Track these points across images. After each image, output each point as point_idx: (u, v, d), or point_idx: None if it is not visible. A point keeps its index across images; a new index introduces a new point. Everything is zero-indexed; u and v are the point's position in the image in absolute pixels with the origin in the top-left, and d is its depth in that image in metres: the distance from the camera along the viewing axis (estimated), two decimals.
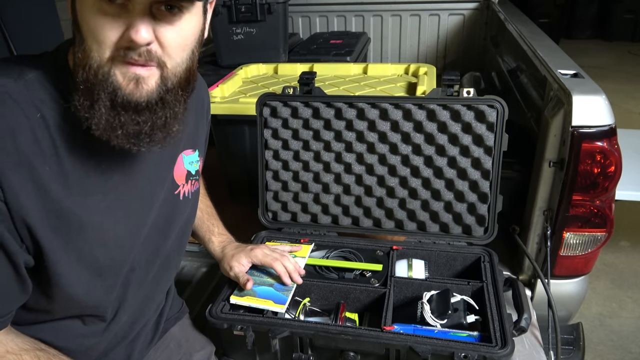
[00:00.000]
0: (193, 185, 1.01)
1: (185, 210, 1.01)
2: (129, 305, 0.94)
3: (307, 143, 1.34)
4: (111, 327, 0.92)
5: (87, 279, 0.81)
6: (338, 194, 1.36)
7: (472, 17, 2.79)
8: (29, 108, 0.70)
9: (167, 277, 1.06)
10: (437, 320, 1.05)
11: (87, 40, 0.68)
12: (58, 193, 0.73)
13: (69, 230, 0.76)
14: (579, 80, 1.24)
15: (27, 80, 0.72)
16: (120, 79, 0.69)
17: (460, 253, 1.28)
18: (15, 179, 0.68)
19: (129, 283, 0.91)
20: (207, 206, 1.24)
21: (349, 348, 1.01)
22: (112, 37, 0.66)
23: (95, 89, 0.69)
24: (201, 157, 1.04)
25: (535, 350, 1.18)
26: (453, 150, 1.25)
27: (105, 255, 0.83)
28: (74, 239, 0.77)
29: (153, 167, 0.89)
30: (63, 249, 0.76)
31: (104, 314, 0.89)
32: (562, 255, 1.28)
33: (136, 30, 0.65)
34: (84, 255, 0.79)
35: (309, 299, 1.16)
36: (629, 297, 2.41)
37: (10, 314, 0.76)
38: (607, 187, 1.19)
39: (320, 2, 2.94)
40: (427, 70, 1.85)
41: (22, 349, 0.76)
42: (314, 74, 1.34)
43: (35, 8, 2.74)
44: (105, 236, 0.82)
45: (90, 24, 0.67)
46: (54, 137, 0.72)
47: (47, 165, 0.72)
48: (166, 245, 0.97)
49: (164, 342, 1.11)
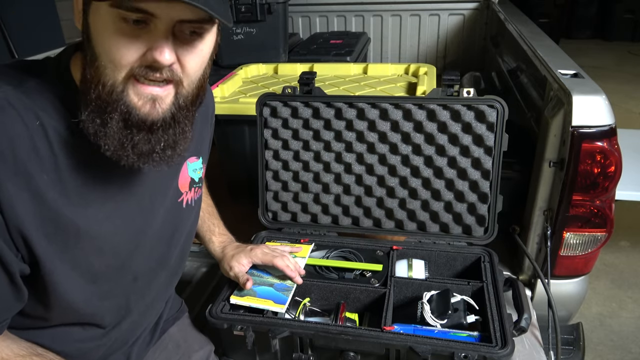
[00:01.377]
0: (196, 192, 1.00)
1: (189, 218, 1.00)
2: (132, 315, 0.94)
3: (307, 143, 1.34)
4: (111, 334, 0.92)
5: (83, 287, 0.81)
6: (338, 194, 1.36)
7: (472, 17, 2.79)
8: (28, 115, 0.69)
9: (171, 285, 1.06)
10: (437, 321, 1.05)
11: (100, 58, 0.66)
12: (55, 201, 0.72)
13: (66, 238, 0.75)
14: (579, 80, 1.23)
15: (27, 88, 0.71)
16: (135, 99, 0.68)
17: (460, 253, 1.28)
18: (12, 188, 0.68)
19: (132, 293, 0.90)
20: (208, 205, 1.24)
21: (349, 348, 1.01)
22: (131, 57, 0.65)
23: (108, 108, 0.68)
24: (204, 164, 1.03)
25: (535, 350, 1.18)
26: (453, 150, 1.25)
27: (102, 264, 0.82)
28: (71, 248, 0.76)
29: (155, 176, 0.87)
30: (58, 257, 0.75)
31: (102, 321, 0.88)
32: (562, 255, 1.28)
33: (160, 52, 0.65)
34: (80, 264, 0.79)
35: (309, 299, 1.16)
36: (629, 297, 2.41)
37: (5, 321, 0.76)
38: (607, 187, 1.19)
39: (320, 2, 2.94)
40: (427, 70, 1.85)
41: (18, 354, 0.75)
42: (314, 74, 1.34)
43: (35, 8, 2.74)
44: (103, 245, 0.81)
45: (106, 44, 0.65)
46: (52, 146, 0.71)
47: (45, 174, 0.71)
48: (170, 254, 0.96)
49: (162, 342, 1.10)
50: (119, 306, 0.90)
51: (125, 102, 0.68)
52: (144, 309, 0.97)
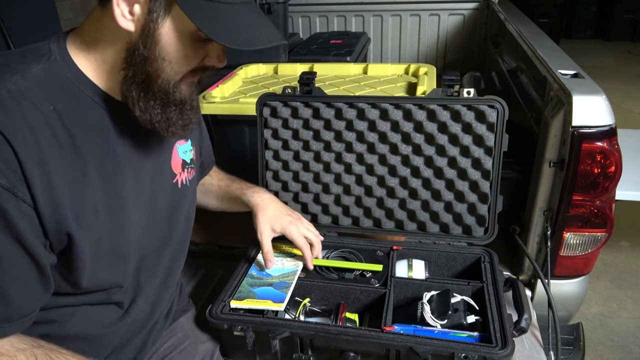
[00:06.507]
0: (189, 173, 1.06)
1: (186, 198, 1.05)
2: (145, 292, 0.98)
3: (307, 143, 1.34)
4: (130, 312, 0.96)
5: (107, 265, 0.85)
6: (338, 194, 1.36)
7: (472, 17, 2.80)
8: (41, 102, 0.73)
9: (178, 264, 1.10)
10: (437, 321, 1.05)
11: (164, 60, 0.77)
12: (77, 181, 0.76)
13: (89, 217, 0.79)
14: (579, 81, 1.23)
15: (34, 76, 0.74)
16: (185, 88, 0.83)
17: (460, 253, 1.28)
18: (42, 176, 0.71)
19: (141, 270, 0.95)
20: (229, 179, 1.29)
21: (349, 348, 1.01)
22: (194, 63, 0.80)
23: (166, 98, 0.80)
24: (194, 146, 1.08)
25: (535, 351, 1.18)
26: (453, 151, 1.25)
27: (121, 242, 0.87)
28: (93, 226, 0.80)
29: (156, 158, 0.94)
30: (85, 236, 0.79)
31: (122, 299, 0.93)
32: (562, 255, 1.28)
33: (222, 60, 0.82)
34: (104, 243, 0.83)
35: (309, 299, 1.16)
36: (629, 297, 2.41)
37: (34, 312, 0.79)
38: (607, 187, 1.19)
39: (320, 2, 2.94)
40: (427, 70, 1.85)
41: (18, 349, 0.76)
42: (314, 74, 1.33)
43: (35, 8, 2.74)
44: (122, 223, 0.85)
45: (175, 52, 0.77)
46: (68, 127, 0.75)
47: (66, 156, 0.75)
48: (173, 233, 1.02)
49: (172, 330, 1.16)
50: (132, 282, 0.94)
51: (180, 91, 0.82)
52: (157, 287, 1.02)
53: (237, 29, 0.75)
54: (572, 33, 7.11)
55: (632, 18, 6.85)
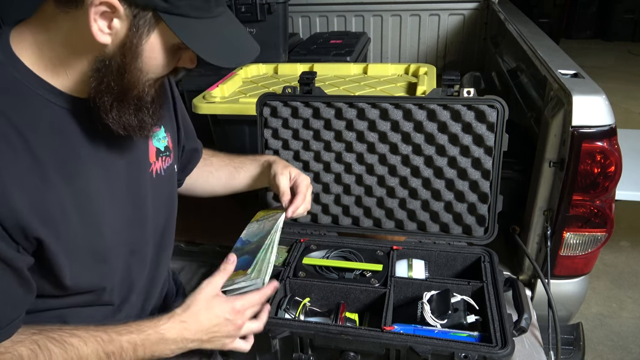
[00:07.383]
0: (165, 161, 1.02)
1: (163, 187, 1.02)
2: (137, 287, 0.98)
3: (307, 143, 1.34)
4: (122, 309, 0.95)
5: (88, 265, 0.84)
6: (338, 194, 1.36)
7: (472, 17, 2.80)
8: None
9: (165, 255, 1.08)
10: (437, 321, 1.04)
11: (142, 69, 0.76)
12: (37, 186, 0.74)
13: (57, 220, 0.77)
14: (579, 80, 1.23)
15: None
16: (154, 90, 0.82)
17: (460, 253, 1.28)
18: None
19: (132, 265, 0.94)
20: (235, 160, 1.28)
21: (349, 348, 1.01)
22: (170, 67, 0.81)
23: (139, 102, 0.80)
24: (168, 133, 1.04)
25: (535, 350, 1.18)
26: (453, 150, 1.25)
27: (99, 241, 0.85)
28: (63, 228, 0.78)
29: (129, 152, 0.91)
30: (56, 239, 0.77)
31: (110, 298, 0.92)
32: (562, 255, 1.28)
33: (194, 62, 0.83)
34: (80, 243, 0.81)
35: (309, 299, 1.16)
36: (629, 297, 2.41)
37: (20, 316, 0.78)
38: (607, 187, 1.19)
39: (320, 2, 2.94)
40: (427, 70, 1.85)
41: (16, 342, 0.76)
42: (314, 73, 1.33)
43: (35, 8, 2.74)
44: (94, 220, 0.83)
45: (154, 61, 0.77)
46: (19, 129, 0.72)
47: (21, 160, 0.72)
48: (156, 222, 1.01)
49: None
50: (123, 279, 0.94)
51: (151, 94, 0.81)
52: (146, 282, 1.01)
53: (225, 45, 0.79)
54: (572, 33, 7.10)
55: (632, 18, 6.84)
